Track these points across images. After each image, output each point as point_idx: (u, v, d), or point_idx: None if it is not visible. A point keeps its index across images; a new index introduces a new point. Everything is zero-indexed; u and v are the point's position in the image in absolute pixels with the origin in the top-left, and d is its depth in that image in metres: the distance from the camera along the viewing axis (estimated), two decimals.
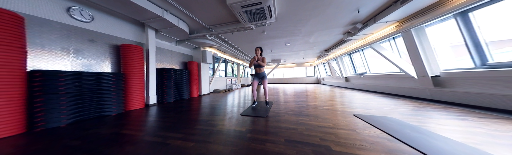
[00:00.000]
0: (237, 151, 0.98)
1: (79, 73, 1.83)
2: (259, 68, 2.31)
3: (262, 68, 2.33)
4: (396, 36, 3.33)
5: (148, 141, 1.17)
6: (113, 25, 2.38)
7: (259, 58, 2.26)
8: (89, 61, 2.11)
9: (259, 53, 2.29)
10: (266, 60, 2.28)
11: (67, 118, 1.66)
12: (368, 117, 1.73)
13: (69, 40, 1.91)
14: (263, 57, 2.29)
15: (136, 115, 2.02)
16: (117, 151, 1.00)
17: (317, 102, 2.74)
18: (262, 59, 2.26)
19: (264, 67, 2.34)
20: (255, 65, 2.30)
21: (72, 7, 1.92)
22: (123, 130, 1.43)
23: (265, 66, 2.30)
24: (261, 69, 2.33)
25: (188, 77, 3.61)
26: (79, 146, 1.09)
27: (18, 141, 1.20)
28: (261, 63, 2.23)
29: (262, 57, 2.29)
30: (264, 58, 2.29)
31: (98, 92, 1.97)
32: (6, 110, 1.30)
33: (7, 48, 1.33)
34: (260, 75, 2.34)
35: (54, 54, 1.79)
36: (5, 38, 1.31)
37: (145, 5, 2.01)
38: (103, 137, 1.25)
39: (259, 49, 2.28)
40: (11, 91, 1.34)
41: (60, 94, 1.64)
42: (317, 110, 2.09)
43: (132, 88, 2.39)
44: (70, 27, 1.92)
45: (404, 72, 3.18)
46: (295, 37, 3.95)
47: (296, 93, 4.31)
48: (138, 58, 2.50)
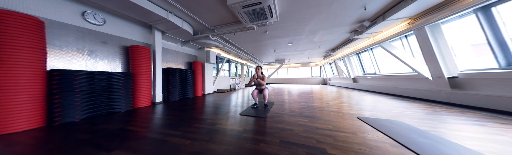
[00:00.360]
0: (230, 150, 0.99)
1: (92, 72, 1.97)
2: (259, 86, 2.33)
3: (262, 86, 2.34)
4: (408, 34, 3.12)
5: (149, 137, 1.23)
6: (123, 27, 2.53)
7: (259, 77, 2.29)
8: (101, 61, 2.26)
9: (259, 72, 2.31)
10: (266, 77, 2.23)
11: (81, 113, 1.80)
12: (372, 120, 1.65)
13: (84, 42, 2.07)
14: (263, 76, 2.31)
15: (143, 112, 2.13)
16: (120, 146, 1.07)
17: (320, 103, 2.66)
18: (262, 78, 2.28)
19: (264, 85, 2.34)
20: (255, 83, 2.33)
21: (86, 11, 2.08)
22: (129, 126, 1.52)
23: (264, 84, 2.31)
24: (262, 87, 2.34)
25: (192, 76, 3.73)
26: (89, 140, 1.18)
27: (38, 134, 1.34)
28: (260, 82, 2.26)
29: (262, 75, 2.31)
30: (264, 77, 2.32)
31: (109, 90, 2.12)
32: (29, 105, 1.45)
33: (30, 50, 1.48)
34: (261, 91, 2.36)
35: (71, 55, 1.95)
36: (28, 40, 1.46)
37: (151, 8, 2.10)
38: (110, 132, 1.35)
39: (259, 68, 2.31)
40: (33, 89, 1.49)
41: (75, 92, 1.79)
42: (318, 112, 2.03)
43: (139, 87, 2.53)
44: (84, 30, 2.08)
45: (417, 72, 2.97)
46: (298, 37, 3.87)
47: (299, 94, 4.24)
48: (146, 59, 2.63)
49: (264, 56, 7.19)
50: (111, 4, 1.98)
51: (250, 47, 5.09)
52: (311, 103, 2.73)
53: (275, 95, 4.03)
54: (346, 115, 1.84)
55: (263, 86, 2.34)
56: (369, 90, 4.67)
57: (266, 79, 2.40)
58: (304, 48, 5.33)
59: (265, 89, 2.31)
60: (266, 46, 4.90)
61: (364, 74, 5.26)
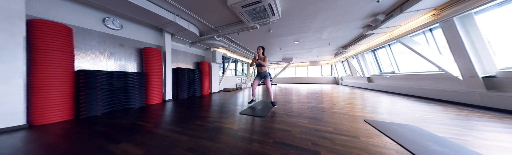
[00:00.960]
0: (223, 148, 1.01)
1: (111, 72, 2.21)
2: (260, 67, 2.29)
3: (263, 68, 2.30)
4: (433, 28, 2.74)
5: (153, 132, 1.33)
6: (137, 31, 2.77)
7: (260, 57, 2.24)
8: (119, 62, 2.52)
9: (260, 52, 2.26)
10: (268, 58, 2.22)
11: (102, 108, 2.04)
12: (381, 123, 1.50)
13: (104, 45, 2.34)
14: (265, 56, 2.26)
15: (153, 109, 2.32)
16: (127, 139, 1.19)
17: (326, 104, 2.53)
18: (263, 58, 2.23)
19: (266, 66, 2.31)
20: (256, 64, 2.29)
21: (106, 18, 2.33)
22: (138, 121, 1.67)
23: (266, 65, 2.26)
24: (263, 68, 2.31)
25: (199, 76, 3.90)
26: (104, 132, 1.34)
27: (66, 125, 1.56)
28: (261, 62, 2.20)
29: (263, 56, 2.26)
30: (266, 57, 2.26)
31: (125, 88, 2.35)
32: (60, 101, 1.70)
33: (61, 53, 1.72)
34: (262, 74, 2.32)
35: (94, 57, 2.22)
36: (59, 45, 1.70)
37: (159, 12, 2.26)
38: (122, 126, 1.50)
39: (260, 48, 2.26)
40: (63, 87, 1.74)
41: (97, 89, 2.03)
42: (321, 113, 1.94)
43: (152, 85, 2.75)
44: (105, 35, 2.33)
45: (444, 71, 2.60)
46: (304, 34, 3.72)
47: (306, 94, 4.09)
48: (157, 59, 2.84)
49: (271, 55, 7.10)
50: (126, 10, 2.18)
51: (255, 46, 5.08)
52: (316, 103, 2.61)
53: (280, 94, 3.96)
54: (352, 117, 1.72)
55: (265, 68, 2.30)
56: (386, 91, 4.26)
57: (268, 60, 2.36)
58: (311, 46, 5.10)
59: (267, 79, 2.29)
60: (271, 45, 4.83)
61: (381, 73, 4.81)
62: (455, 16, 2.06)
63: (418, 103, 2.58)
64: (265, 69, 2.33)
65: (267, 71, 2.41)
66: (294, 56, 7.55)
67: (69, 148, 1.04)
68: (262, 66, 2.29)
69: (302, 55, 7.26)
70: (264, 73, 2.34)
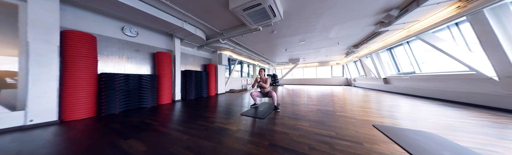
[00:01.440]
0: (218, 148, 1.04)
1: (128, 75, 2.45)
2: (263, 89, 2.33)
3: (265, 89, 2.33)
4: (460, 21, 2.42)
5: (158, 130, 1.43)
6: (151, 37, 3.03)
7: (262, 79, 2.28)
8: (135, 65, 2.78)
9: (262, 74, 2.30)
10: (268, 79, 2.19)
11: (119, 107, 2.27)
12: (392, 129, 1.37)
13: (123, 50, 2.61)
14: (266, 78, 2.29)
15: (163, 108, 2.49)
16: (135, 135, 1.30)
17: (333, 107, 2.40)
18: (264, 80, 2.27)
19: (268, 87, 2.34)
20: (258, 86, 2.34)
21: (124, 26, 2.61)
22: (148, 119, 1.81)
23: (267, 87, 2.29)
24: (265, 90, 2.33)
25: (206, 77, 4.07)
26: (117, 129, 1.49)
27: (89, 122, 1.77)
28: (263, 85, 2.26)
29: (265, 78, 2.30)
30: (268, 79, 2.31)
31: (139, 89, 2.58)
32: (86, 100, 1.94)
33: (87, 59, 1.98)
34: (266, 94, 2.35)
35: (114, 61, 2.50)
36: (85, 51, 1.96)
37: (169, 19, 2.45)
38: (134, 124, 1.64)
39: (262, 70, 2.31)
40: (89, 88, 1.99)
41: (116, 90, 2.27)
42: (326, 116, 1.85)
43: (163, 87, 2.96)
44: (123, 41, 2.61)
45: (475, 71, 2.27)
46: (310, 34, 3.62)
47: (313, 96, 3.94)
48: (168, 63, 3.06)
49: (276, 56, 7.02)
50: (141, 19, 2.41)
51: (260, 48, 5.10)
52: (323, 106, 2.49)
53: (285, 96, 3.89)
54: (359, 122, 1.60)
55: (267, 89, 2.32)
56: (406, 93, 3.86)
57: (269, 82, 2.40)
58: (319, 45, 4.92)
59: (272, 92, 2.27)
60: (276, 46, 4.80)
61: (399, 74, 4.38)
62: (485, 8, 1.80)
63: (442, 107, 2.28)
64: (267, 90, 2.34)
65: (270, 90, 2.38)
66: (301, 57, 7.35)
67: (86, 142, 1.19)
68: (264, 88, 2.32)
69: (310, 56, 7.03)
70: (266, 93, 2.34)
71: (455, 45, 2.56)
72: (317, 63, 9.73)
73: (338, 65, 9.22)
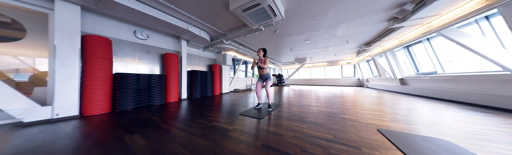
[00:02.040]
0: (210, 147, 1.07)
1: (139, 74, 2.65)
2: (262, 69, 2.28)
3: (265, 70, 2.28)
4: (491, 14, 2.11)
5: (160, 126, 1.52)
6: (160, 39, 3.23)
7: (260, 60, 2.24)
8: (145, 66, 2.99)
9: (261, 55, 2.26)
10: (267, 60, 2.17)
11: (131, 105, 2.46)
12: (399, 135, 1.26)
13: (135, 52, 2.83)
14: (265, 58, 2.24)
15: (169, 106, 2.63)
16: (139, 131, 1.40)
17: (337, 109, 2.28)
18: (263, 61, 2.22)
19: (267, 68, 2.28)
20: (258, 66, 2.30)
21: (136, 30, 2.83)
22: (153, 116, 1.93)
23: (266, 67, 2.24)
24: (264, 71, 2.29)
25: (211, 77, 4.19)
26: (125, 124, 1.62)
27: (104, 117, 1.96)
28: (261, 65, 2.20)
29: (264, 58, 2.25)
30: (266, 59, 2.24)
31: (149, 88, 2.76)
32: (102, 98, 2.15)
33: (103, 60, 2.19)
34: (264, 76, 2.31)
35: (127, 62, 2.72)
36: (102, 53, 2.17)
37: (175, 22, 2.59)
38: (140, 120, 1.77)
39: (261, 50, 2.26)
40: (105, 86, 2.20)
41: (128, 89, 2.47)
42: (327, 118, 1.77)
43: (170, 86, 3.13)
44: (136, 44, 2.83)
45: (509, 71, 1.96)
46: (315, 33, 3.48)
47: (319, 97, 3.79)
48: (175, 63, 3.23)
49: (281, 56, 6.91)
50: (150, 23, 2.58)
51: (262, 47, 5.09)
52: (326, 108, 2.39)
53: (289, 97, 3.81)
54: (363, 125, 1.50)
55: (266, 70, 2.28)
56: (426, 96, 3.49)
57: (268, 61, 2.31)
58: (326, 44, 4.71)
59: (268, 82, 2.26)
60: (281, 45, 4.72)
61: (418, 74, 3.98)
62: None
63: (468, 112, 2.01)
64: (266, 71, 2.31)
65: (269, 73, 2.38)
66: (308, 56, 7.12)
67: (98, 135, 1.32)
68: (263, 68, 2.28)
69: (317, 55, 6.77)
70: (266, 75, 2.32)
71: (485, 41, 2.24)
72: (326, 63, 9.33)
73: (348, 65, 8.72)
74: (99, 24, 2.36)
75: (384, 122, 1.62)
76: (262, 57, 2.28)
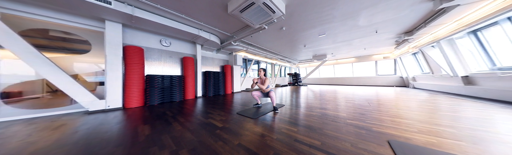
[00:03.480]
0: (193, 141, 1.18)
1: (163, 76, 3.20)
2: (264, 88, 2.28)
3: (266, 89, 2.27)
4: None
5: (167, 120, 1.80)
6: (179, 45, 3.76)
7: (261, 80, 2.26)
8: (168, 68, 3.56)
9: (262, 74, 2.26)
10: (268, 80, 2.26)
11: (157, 101, 3.01)
12: (414, 149, 0.97)
13: (160, 57, 3.42)
14: (266, 78, 2.24)
15: (185, 103, 3.03)
16: (150, 122, 1.71)
17: (348, 113, 1.95)
18: (262, 81, 2.22)
19: (268, 87, 2.30)
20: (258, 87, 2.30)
21: (161, 39, 3.41)
22: (167, 111, 2.30)
23: (264, 88, 2.22)
24: (266, 89, 2.27)
25: (223, 77, 4.49)
26: (147, 116, 2.01)
27: (138, 110, 2.49)
28: (260, 86, 2.20)
29: (264, 78, 2.24)
30: (266, 79, 2.23)
31: (171, 87, 3.28)
32: (137, 94, 2.74)
33: (138, 65, 2.78)
34: (266, 94, 2.30)
35: (155, 65, 3.33)
36: (137, 60, 2.77)
37: (188, 30, 2.97)
38: (157, 114, 2.15)
39: (261, 70, 2.26)
40: (139, 85, 2.79)
41: (155, 87, 3.03)
42: (326, 123, 1.56)
43: (187, 85, 3.60)
44: (161, 50, 3.42)
45: None
46: (329, 25, 3.07)
47: (336, 98, 3.33)
48: (191, 65, 3.68)
49: (296, 53, 6.43)
50: (170, 32, 3.07)
51: (274, 46, 4.92)
52: (335, 111, 2.09)
53: (298, 97, 3.55)
54: (371, 134, 1.24)
55: (267, 89, 2.26)
56: (505, 101, 2.43)
57: (269, 82, 2.30)
58: (347, 37, 4.05)
59: (271, 92, 2.21)
60: (292, 42, 4.43)
61: (493, 70, 2.81)
62: None
63: None
64: (268, 90, 2.27)
65: (272, 90, 2.30)
66: (328, 52, 6.30)
67: (129, 122, 1.71)
68: (266, 88, 2.27)
69: (340, 50, 5.89)
70: (268, 93, 2.28)
71: None
72: (354, 59, 7.99)
73: (386, 60, 7.13)
74: (134, 36, 3.01)
75: (406, 132, 1.27)
76: (263, 77, 2.27)
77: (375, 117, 1.77)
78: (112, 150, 1.05)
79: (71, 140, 1.25)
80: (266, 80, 2.21)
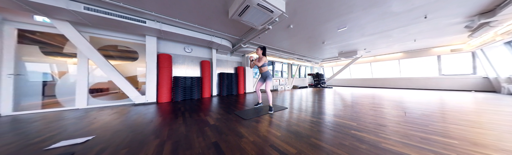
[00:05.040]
0: (181, 135, 1.40)
1: (185, 77, 3.82)
2: (261, 68, 2.25)
3: (263, 68, 2.23)
4: None
5: (177, 115, 2.17)
6: (199, 51, 4.34)
7: (259, 58, 2.22)
8: (190, 71, 4.20)
9: (259, 53, 2.23)
10: (264, 58, 2.22)
11: (180, 97, 3.65)
12: None
13: (184, 61, 4.10)
14: (262, 56, 2.18)
15: (201, 101, 3.49)
16: (165, 115, 2.12)
17: (362, 122, 1.62)
18: (258, 59, 2.18)
19: (266, 66, 2.23)
20: (256, 65, 2.30)
21: (185, 46, 4.08)
22: (182, 107, 2.74)
23: (260, 65, 2.17)
24: (263, 69, 2.24)
25: (236, 78, 4.76)
26: (166, 110, 2.51)
27: (165, 104, 3.13)
28: (255, 63, 2.17)
29: (263, 56, 2.20)
30: (263, 58, 2.18)
31: (191, 86, 3.87)
32: (167, 92, 3.44)
33: (167, 69, 3.49)
34: (263, 75, 2.27)
35: (180, 68, 4.02)
36: (167, 64, 3.48)
37: (201, 37, 3.40)
38: (174, 108, 2.62)
39: (259, 48, 2.24)
40: (168, 85, 3.49)
41: (179, 87, 3.68)
42: (323, 131, 1.38)
43: (205, 85, 4.11)
44: (185, 56, 4.09)
45: None
46: (349, 16, 2.58)
47: (361, 104, 2.79)
48: (208, 68, 4.18)
49: (315, 51, 5.72)
50: (189, 40, 3.62)
51: (286, 46, 4.64)
52: (347, 119, 1.78)
53: (309, 101, 3.22)
54: (372, 151, 1.02)
55: (265, 67, 2.24)
56: None
57: (266, 59, 2.24)
58: (380, 28, 3.25)
59: (268, 81, 2.21)
60: (307, 39, 4.03)
61: None
62: None
63: None
64: (266, 70, 2.26)
65: (269, 72, 2.29)
66: (360, 47, 5.18)
67: (157, 113, 2.22)
68: (261, 67, 2.25)
69: (375, 44, 4.73)
70: (266, 74, 2.26)
71: None
72: (401, 54, 6.18)
73: (457, 54, 5.10)
74: (165, 46, 3.77)
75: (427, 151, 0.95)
76: (261, 55, 2.26)
77: (399, 130, 1.39)
78: (141, 128, 1.43)
79: (123, 120, 1.78)
80: (262, 58, 2.19)
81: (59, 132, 1.50)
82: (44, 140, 1.32)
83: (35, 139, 1.33)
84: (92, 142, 1.26)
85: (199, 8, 2.33)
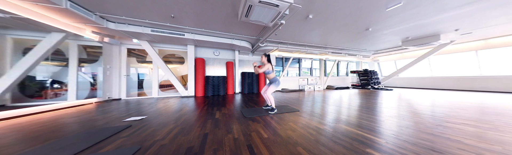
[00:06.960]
0: (186, 122, 1.83)
1: (214, 76, 4.58)
2: (267, 75, 2.26)
3: (269, 75, 2.23)
4: None
5: (200, 107, 2.75)
6: (225, 53, 4.97)
7: (263, 64, 2.24)
8: (218, 70, 4.94)
9: (264, 60, 2.24)
10: (267, 65, 2.11)
11: (210, 93, 4.46)
12: None
13: (214, 63, 4.88)
14: (266, 64, 2.18)
15: (225, 97, 4.07)
16: (189, 107, 2.77)
17: (386, 131, 1.25)
18: (262, 66, 2.20)
19: (273, 72, 2.25)
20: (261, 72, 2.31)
21: (214, 51, 4.83)
22: (206, 101, 3.38)
23: (261, 71, 2.16)
24: (269, 76, 2.24)
25: (257, 77, 4.92)
26: (193, 103, 3.24)
27: (200, 98, 4.00)
28: (256, 69, 2.20)
29: (267, 63, 2.20)
30: (266, 65, 2.16)
31: (218, 84, 4.59)
32: (201, 88, 4.36)
33: (201, 70, 4.39)
34: (270, 80, 2.28)
35: (210, 69, 4.86)
36: (201, 66, 4.38)
37: (223, 41, 3.90)
38: (200, 102, 3.31)
39: (263, 55, 2.24)
40: (202, 83, 4.40)
41: (210, 84, 4.50)
42: (320, 138, 1.26)
43: (229, 83, 4.69)
44: (214, 59, 4.87)
45: None
46: None
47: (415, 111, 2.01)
48: (232, 68, 4.71)
49: (359, 41, 4.31)
50: (215, 45, 4.27)
51: (309, 39, 4.03)
52: (374, 131, 1.43)
53: (337, 105, 2.69)
54: None
55: (272, 74, 2.24)
56: None
57: (270, 65, 2.18)
58: (440, 11, 1.98)
59: (271, 86, 2.19)
60: (340, 28, 3.26)
61: None
62: None
63: None
64: (272, 76, 2.23)
65: (276, 78, 2.23)
66: (446, 28, 3.25)
67: (192, 104, 3.00)
68: (266, 74, 2.26)
69: (482, 19, 2.79)
70: (272, 80, 2.23)
71: None
72: (484, 42, 3.34)
73: None
74: (200, 51, 4.70)
75: None
76: (266, 62, 2.25)
77: (420, 141, 0.96)
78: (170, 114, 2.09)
79: (176, 107, 2.63)
80: (264, 66, 2.19)
81: (136, 110, 2.48)
82: (128, 114, 2.27)
83: (124, 113, 2.32)
84: (145, 120, 2.00)
85: (215, 16, 2.72)
